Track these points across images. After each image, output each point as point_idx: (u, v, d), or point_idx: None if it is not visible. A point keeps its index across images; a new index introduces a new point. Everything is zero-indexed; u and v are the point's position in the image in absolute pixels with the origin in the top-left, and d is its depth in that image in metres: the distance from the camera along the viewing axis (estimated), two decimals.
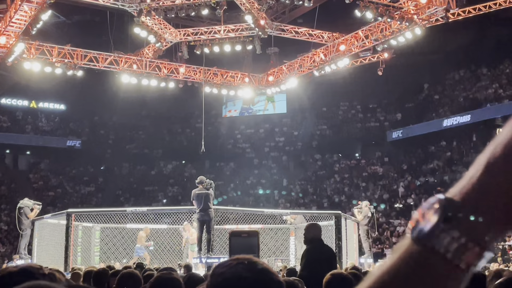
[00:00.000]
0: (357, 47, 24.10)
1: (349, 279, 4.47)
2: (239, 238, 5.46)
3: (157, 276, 3.87)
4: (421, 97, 39.95)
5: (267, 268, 1.45)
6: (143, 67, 25.48)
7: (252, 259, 1.47)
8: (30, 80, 30.25)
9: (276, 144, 44.18)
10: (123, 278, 5.05)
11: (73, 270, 10.72)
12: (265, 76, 28.51)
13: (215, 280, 1.39)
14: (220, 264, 1.48)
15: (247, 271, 1.39)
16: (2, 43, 21.54)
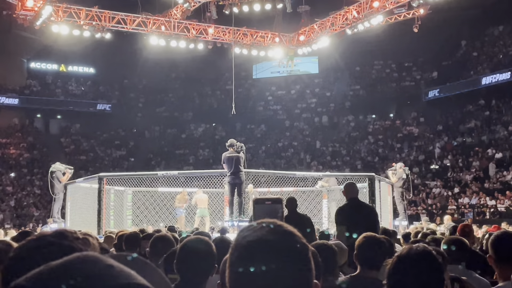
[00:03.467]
0: (391, 3, 23.20)
1: (382, 241, 4.32)
2: (263, 206, 5.17)
3: (187, 239, 3.75)
4: (458, 54, 38.76)
5: (291, 231, 1.44)
6: (171, 29, 25.04)
7: (276, 222, 1.47)
8: (58, 43, 30.13)
9: (308, 105, 43.63)
10: (156, 241, 5.13)
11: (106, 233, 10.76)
12: (296, 35, 27.83)
13: (239, 243, 1.42)
14: (245, 228, 1.49)
15: (271, 233, 1.41)
16: (29, 6, 21.27)
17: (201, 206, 16.48)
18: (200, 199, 16.56)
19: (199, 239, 3.67)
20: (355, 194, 7.56)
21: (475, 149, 31.54)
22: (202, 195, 16.65)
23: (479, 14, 35.41)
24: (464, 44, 38.69)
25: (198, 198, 16.59)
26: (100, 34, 23.57)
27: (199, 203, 16.51)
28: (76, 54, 37.63)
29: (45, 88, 43.06)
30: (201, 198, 16.57)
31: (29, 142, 39.75)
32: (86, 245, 1.59)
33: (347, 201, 7.54)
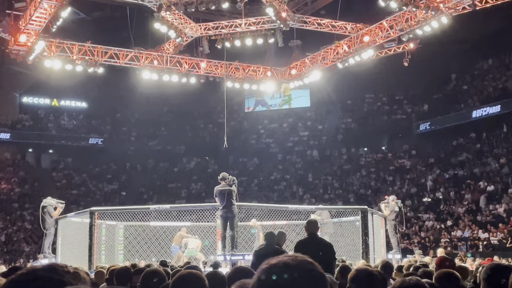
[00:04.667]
0: (381, 38, 23.49)
1: (375, 274, 4.31)
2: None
3: (179, 274, 3.75)
4: (449, 87, 39.14)
5: (310, 261, 1.65)
6: (164, 63, 25.21)
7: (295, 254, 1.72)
8: (51, 78, 30.23)
9: (300, 138, 43.75)
10: (147, 276, 5.04)
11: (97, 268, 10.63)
12: (288, 69, 28.05)
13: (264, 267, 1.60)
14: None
15: (292, 260, 1.62)
16: (22, 41, 21.42)
17: (191, 246, 16.29)
18: (192, 241, 16.39)
19: (192, 273, 3.64)
20: (316, 230, 8.31)
21: (467, 182, 31.61)
22: (196, 240, 16.47)
23: (468, 48, 35.88)
24: (454, 77, 39.10)
25: (190, 241, 16.40)
26: (92, 68, 23.68)
27: (190, 245, 16.33)
28: (69, 89, 37.75)
29: (37, 123, 43.05)
30: (193, 242, 16.38)
31: (21, 176, 39.53)
32: (77, 279, 1.58)
33: (307, 236, 8.09)
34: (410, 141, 38.97)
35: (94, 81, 32.99)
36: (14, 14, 20.75)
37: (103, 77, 26.51)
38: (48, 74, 27.51)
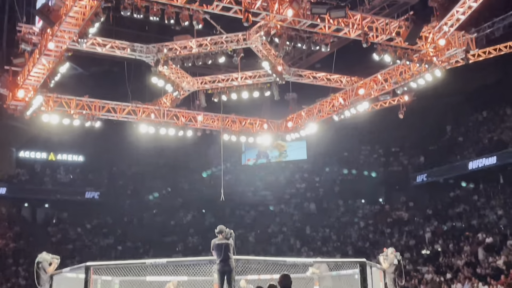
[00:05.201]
0: (376, 91, 23.79)
1: None
2: None
3: None
4: (444, 139, 39.34)
5: None
6: (161, 117, 25.36)
7: None
8: (48, 132, 30.31)
9: (297, 190, 43.64)
10: None
11: None
12: (284, 122, 28.22)
13: None
14: None
15: None
16: (20, 96, 21.58)
17: None
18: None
19: None
20: (289, 285, 8.50)
21: (465, 234, 31.39)
22: None
23: (462, 100, 36.28)
24: (449, 129, 39.37)
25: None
26: (90, 122, 23.76)
27: None
28: (65, 143, 37.82)
29: (34, 177, 42.93)
30: None
31: (16, 231, 39.14)
32: None
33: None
34: (407, 193, 38.89)
35: (91, 135, 33.05)
36: (13, 69, 20.95)
37: (100, 130, 26.52)
38: (45, 129, 27.59)
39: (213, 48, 21.92)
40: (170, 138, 26.72)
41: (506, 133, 34.20)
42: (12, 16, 21.19)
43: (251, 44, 22.05)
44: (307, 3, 17.36)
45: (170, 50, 22.27)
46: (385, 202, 40.29)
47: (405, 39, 19.01)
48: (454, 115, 38.39)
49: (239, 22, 17.47)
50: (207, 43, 21.99)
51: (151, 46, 22.33)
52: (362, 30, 18.55)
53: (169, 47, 22.27)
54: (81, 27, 17.15)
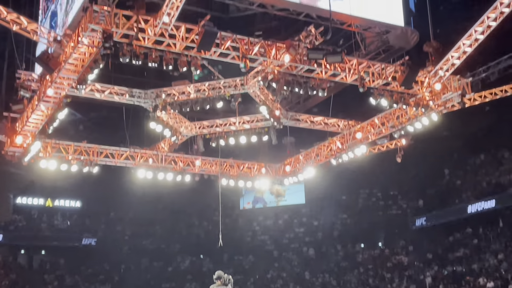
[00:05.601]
0: (373, 135, 23.87)
1: None
2: None
3: None
4: (442, 182, 39.28)
5: None
6: (158, 162, 25.35)
7: None
8: (45, 178, 30.19)
9: (296, 235, 43.32)
10: None
11: None
12: (282, 166, 28.21)
13: None
14: None
15: None
16: (18, 143, 21.63)
17: None
18: None
19: None
20: None
21: (466, 279, 31.04)
22: None
23: (460, 143, 36.37)
24: (447, 172, 39.36)
25: None
26: (87, 168, 23.73)
27: None
28: (63, 188, 37.67)
29: (31, 223, 42.60)
30: None
31: (12, 279, 38.61)
32: None
33: None
34: (407, 237, 38.62)
35: (88, 181, 32.88)
36: (12, 116, 21.04)
37: (98, 176, 26.45)
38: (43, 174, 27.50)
39: (211, 93, 22.09)
40: (168, 183, 26.64)
41: (504, 176, 34.20)
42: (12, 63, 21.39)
43: (248, 89, 22.23)
44: (303, 48, 17.59)
45: (168, 96, 22.44)
46: (384, 246, 39.97)
47: (401, 84, 19.19)
48: (452, 158, 38.44)
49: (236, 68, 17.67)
50: (205, 88, 22.17)
51: (149, 91, 22.50)
52: (359, 75, 18.74)
53: (167, 92, 22.44)
54: (80, 73, 17.30)
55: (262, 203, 44.94)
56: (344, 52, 17.76)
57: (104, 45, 15.10)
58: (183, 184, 27.63)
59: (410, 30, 20.29)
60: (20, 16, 16.74)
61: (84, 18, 15.48)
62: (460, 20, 27.80)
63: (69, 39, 16.77)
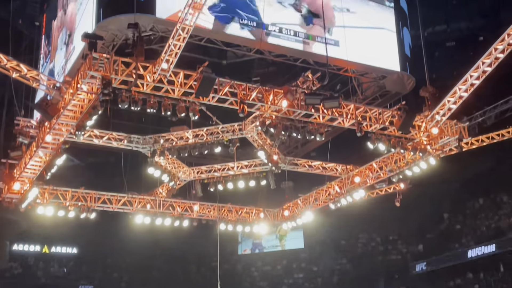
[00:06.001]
0: (372, 179, 23.88)
1: None
2: None
3: None
4: (442, 227, 39.05)
5: None
6: (156, 207, 25.26)
7: None
8: (42, 224, 30.03)
9: (294, 281, 42.77)
10: None
11: None
12: (281, 210, 28.11)
13: None
14: None
15: None
16: (16, 189, 21.54)
17: None
18: None
19: None
20: None
21: None
22: None
23: (458, 187, 36.33)
24: (447, 217, 39.19)
25: None
26: (85, 214, 23.62)
27: None
28: (60, 235, 37.38)
29: (27, 270, 42.01)
30: None
31: None
32: None
33: None
34: (407, 282, 38.10)
35: (85, 226, 32.72)
36: (9, 162, 21.02)
37: (95, 222, 26.32)
38: (40, 221, 27.37)
39: (209, 138, 22.19)
40: (166, 228, 26.48)
41: (504, 220, 34.05)
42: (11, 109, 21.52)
43: (246, 134, 22.34)
44: (301, 94, 17.72)
45: (167, 141, 22.52)
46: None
47: (398, 128, 19.27)
48: (451, 203, 38.32)
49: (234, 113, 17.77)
50: (203, 134, 22.28)
51: (147, 137, 22.60)
52: (356, 120, 18.84)
53: (166, 137, 22.53)
54: (78, 120, 17.36)
55: (259, 249, 44.64)
56: (341, 97, 17.89)
57: (103, 91, 15.20)
58: (181, 230, 27.48)
59: (406, 75, 20.55)
60: (20, 63, 16.90)
61: (83, 65, 15.64)
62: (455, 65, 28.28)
63: (68, 86, 16.89)
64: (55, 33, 23.03)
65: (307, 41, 18.80)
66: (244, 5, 18.14)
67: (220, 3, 17.69)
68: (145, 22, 16.79)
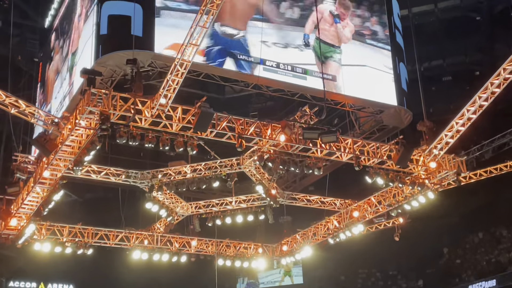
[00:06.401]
0: (370, 213, 23.79)
1: None
2: None
3: None
4: (441, 261, 38.74)
5: None
6: (154, 242, 25.11)
7: None
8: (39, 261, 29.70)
9: None
10: None
11: None
12: (279, 245, 27.93)
13: None
14: None
15: None
16: (13, 225, 21.42)
17: None
18: None
19: None
20: None
21: None
22: None
23: (457, 222, 36.17)
24: (446, 251, 38.93)
25: None
26: (82, 250, 23.45)
27: None
28: (57, 271, 36.94)
29: None
30: None
31: None
32: None
33: None
34: None
35: (82, 262, 32.41)
36: (7, 198, 20.95)
37: (92, 258, 26.14)
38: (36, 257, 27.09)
39: (207, 173, 22.18)
40: (163, 264, 26.26)
41: (504, 255, 33.83)
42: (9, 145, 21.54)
43: (244, 168, 22.33)
44: (299, 128, 17.77)
45: (165, 176, 22.49)
46: None
47: (396, 163, 19.28)
48: (450, 237, 38.09)
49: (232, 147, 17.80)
50: (201, 168, 22.28)
51: (145, 172, 22.59)
52: (354, 154, 18.87)
53: (164, 172, 22.52)
54: (76, 155, 17.35)
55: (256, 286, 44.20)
56: (339, 131, 17.97)
57: (101, 127, 15.23)
58: (179, 265, 27.26)
59: (403, 109, 20.65)
60: (19, 99, 16.96)
61: (82, 101, 15.70)
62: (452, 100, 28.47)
63: (66, 121, 16.93)
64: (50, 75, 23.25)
65: (304, 76, 18.94)
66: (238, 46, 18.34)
67: (214, 46, 17.88)
68: (144, 58, 16.93)
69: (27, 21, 29.18)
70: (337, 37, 20.28)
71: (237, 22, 18.57)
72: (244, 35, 18.54)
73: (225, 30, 18.25)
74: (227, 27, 18.27)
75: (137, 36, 16.64)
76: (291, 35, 19.44)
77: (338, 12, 20.56)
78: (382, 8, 21.62)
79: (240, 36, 18.50)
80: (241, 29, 18.57)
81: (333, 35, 20.26)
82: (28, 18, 29.19)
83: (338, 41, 20.26)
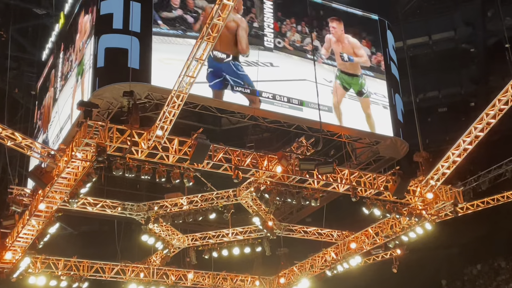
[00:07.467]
0: (368, 245, 23.69)
1: None
2: None
3: None
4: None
5: None
6: (150, 275, 24.85)
7: None
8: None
9: None
10: None
11: None
12: (276, 278, 27.69)
13: None
14: None
15: None
16: (7, 259, 21.18)
17: None
18: None
19: None
20: None
21: None
22: None
23: (455, 253, 35.95)
24: (445, 283, 38.59)
25: None
26: (77, 284, 23.18)
27: None
28: None
29: None
30: None
31: None
32: None
33: None
34: None
35: None
36: (2, 231, 20.79)
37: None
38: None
39: (204, 204, 22.12)
40: None
41: (502, 287, 33.57)
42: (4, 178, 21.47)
43: (241, 200, 22.29)
44: (295, 159, 17.79)
45: (161, 208, 22.42)
46: None
47: (393, 193, 19.27)
48: (449, 269, 37.80)
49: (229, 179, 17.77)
50: (198, 200, 22.22)
51: (141, 204, 22.52)
52: (351, 185, 18.86)
53: (160, 204, 22.45)
54: (72, 187, 17.29)
55: None
56: (335, 162, 17.96)
57: (98, 159, 15.21)
58: None
59: (399, 140, 20.71)
60: (15, 132, 16.95)
61: (78, 133, 15.71)
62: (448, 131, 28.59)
63: (62, 154, 16.90)
64: (47, 102, 23.30)
65: (300, 107, 19.03)
66: (230, 70, 18.46)
67: (207, 69, 18.00)
68: (141, 90, 17.00)
69: (25, 54, 29.36)
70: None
71: (224, 46, 18.70)
72: (232, 59, 18.68)
73: (216, 54, 18.37)
74: (216, 52, 18.38)
75: (133, 69, 16.74)
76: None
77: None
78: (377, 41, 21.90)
79: (229, 60, 18.61)
80: (229, 53, 18.69)
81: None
82: (25, 51, 29.37)
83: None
